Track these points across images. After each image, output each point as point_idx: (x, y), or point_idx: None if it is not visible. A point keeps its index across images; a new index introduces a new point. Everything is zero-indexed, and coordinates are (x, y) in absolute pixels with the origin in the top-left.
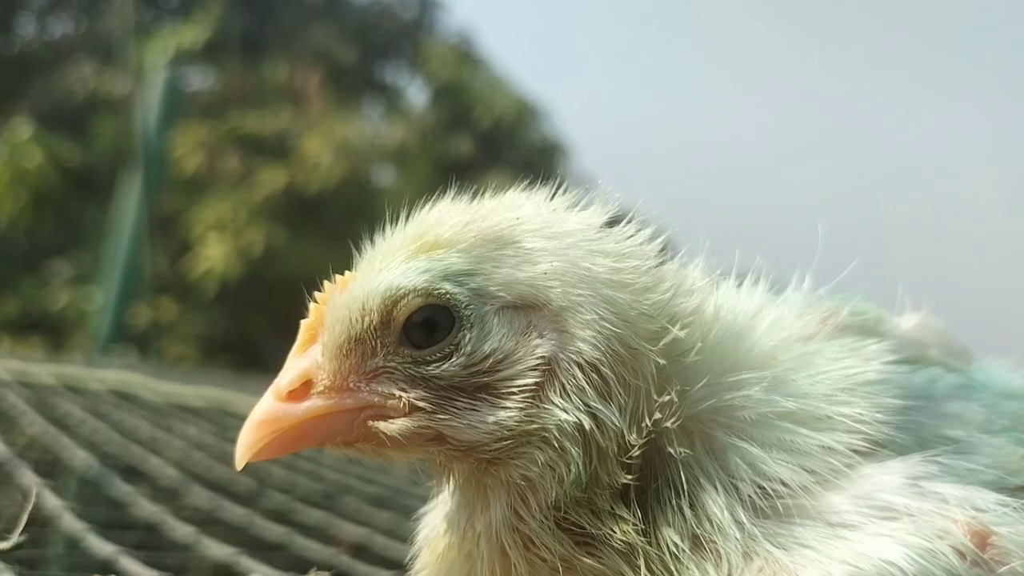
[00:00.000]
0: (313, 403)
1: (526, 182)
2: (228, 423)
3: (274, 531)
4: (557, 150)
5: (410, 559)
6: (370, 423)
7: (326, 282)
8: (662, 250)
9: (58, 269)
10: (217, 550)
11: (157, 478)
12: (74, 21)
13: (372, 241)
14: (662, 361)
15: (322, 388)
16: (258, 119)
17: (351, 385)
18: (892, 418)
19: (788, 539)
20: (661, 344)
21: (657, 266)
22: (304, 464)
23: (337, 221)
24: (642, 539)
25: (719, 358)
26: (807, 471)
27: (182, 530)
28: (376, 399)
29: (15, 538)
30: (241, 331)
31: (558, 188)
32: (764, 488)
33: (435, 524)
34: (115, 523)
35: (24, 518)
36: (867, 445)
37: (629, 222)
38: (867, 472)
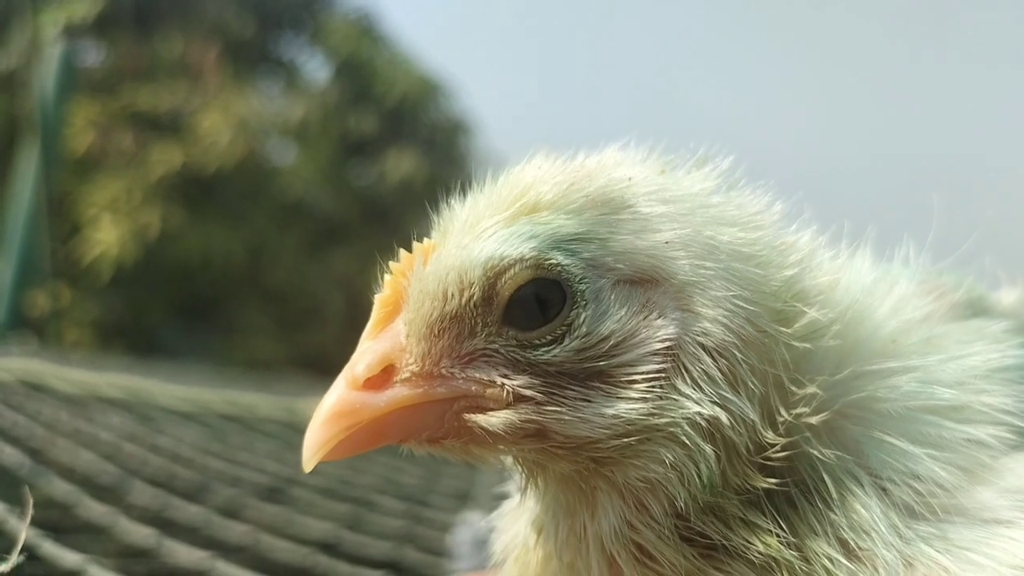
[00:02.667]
0: (397, 392)
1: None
2: (150, 413)
3: (235, 530)
4: (463, 127)
5: (494, 565)
6: (465, 416)
7: (402, 251)
8: (780, 219)
9: None
10: (185, 554)
11: (94, 475)
12: None
13: (448, 204)
14: (801, 346)
15: (408, 375)
16: (152, 95)
17: (443, 371)
18: None
19: (944, 542)
20: (796, 326)
21: (782, 237)
22: (241, 455)
23: (236, 201)
24: (793, 552)
25: (853, 343)
26: (958, 468)
27: (139, 532)
28: (473, 387)
29: (14, 559)
30: (138, 316)
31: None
32: (917, 489)
33: (519, 531)
34: (64, 527)
35: (22, 538)
36: (1015, 437)
37: (743, 187)
38: (1011, 464)
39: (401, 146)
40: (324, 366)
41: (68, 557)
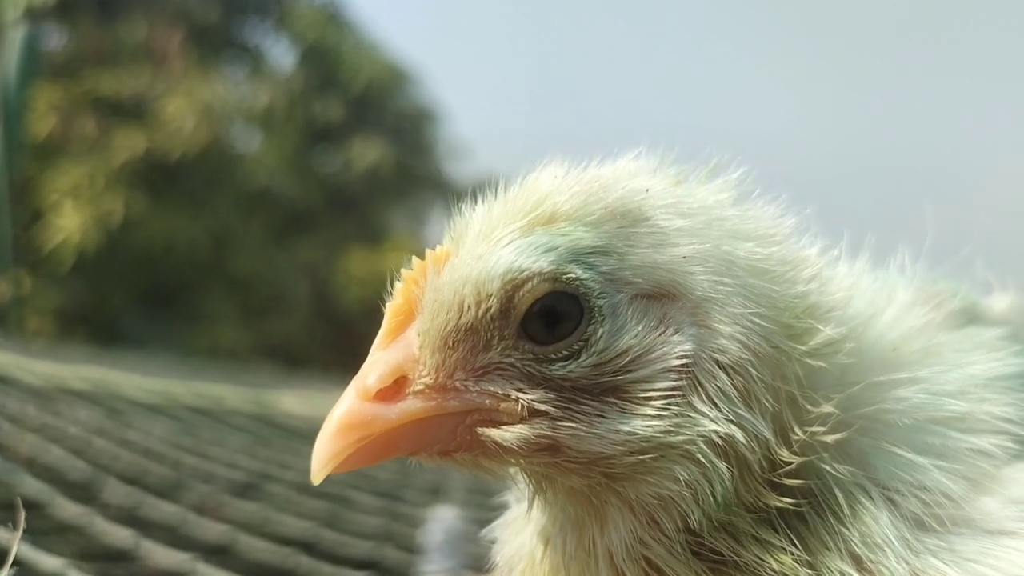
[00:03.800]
0: (409, 404)
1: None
2: (117, 406)
3: (212, 529)
4: (430, 115)
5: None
6: (478, 429)
7: (414, 258)
8: (792, 232)
9: None
10: (165, 556)
11: (65, 471)
12: None
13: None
14: (815, 363)
15: (421, 387)
16: (115, 80)
17: (456, 384)
18: None
19: (951, 554)
20: (812, 343)
21: (795, 251)
22: (212, 449)
23: (200, 188)
24: (808, 571)
25: (858, 355)
26: (963, 478)
27: (116, 533)
28: (487, 401)
29: (6, 571)
30: (100, 304)
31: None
32: (924, 500)
33: (524, 542)
34: (39, 528)
35: (14, 549)
36: (1016, 446)
37: (756, 198)
38: (1015, 474)
39: (367, 133)
40: (289, 354)
41: (47, 561)
